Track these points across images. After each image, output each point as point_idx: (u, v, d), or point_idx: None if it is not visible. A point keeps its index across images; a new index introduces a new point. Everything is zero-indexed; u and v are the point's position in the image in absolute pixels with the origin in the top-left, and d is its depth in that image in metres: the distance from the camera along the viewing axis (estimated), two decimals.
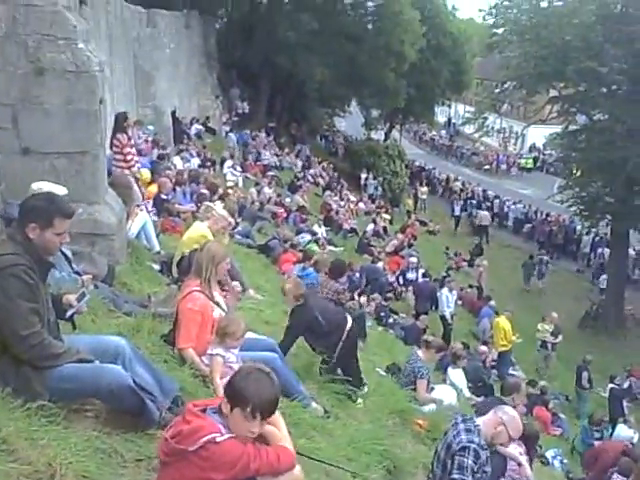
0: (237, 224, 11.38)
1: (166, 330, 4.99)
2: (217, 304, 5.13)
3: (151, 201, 9.58)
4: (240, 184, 17.98)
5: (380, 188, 31.14)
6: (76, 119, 6.03)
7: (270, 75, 29.94)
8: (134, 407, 3.44)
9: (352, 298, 10.93)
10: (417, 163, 41.48)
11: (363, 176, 31.07)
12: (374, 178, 31.08)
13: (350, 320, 6.04)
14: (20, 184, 5.55)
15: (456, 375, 8.95)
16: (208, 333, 4.77)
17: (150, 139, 14.51)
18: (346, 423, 5.11)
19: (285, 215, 17.32)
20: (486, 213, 30.30)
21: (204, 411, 2.90)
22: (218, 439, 2.74)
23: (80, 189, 6.12)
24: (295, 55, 27.85)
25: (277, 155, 26.33)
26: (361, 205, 26.52)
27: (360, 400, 5.87)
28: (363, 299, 11.66)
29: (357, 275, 13.69)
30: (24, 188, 5.17)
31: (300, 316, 5.78)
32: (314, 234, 16.04)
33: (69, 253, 5.38)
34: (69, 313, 3.84)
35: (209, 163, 17.17)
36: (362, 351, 8.48)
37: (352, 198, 26.38)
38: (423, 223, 28.83)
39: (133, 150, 9.57)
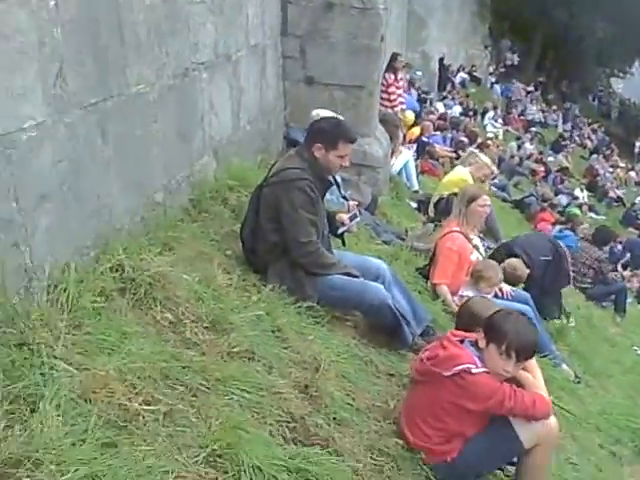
0: (495, 176, 11.04)
1: (421, 264, 5.06)
2: (475, 247, 5.06)
3: (415, 145, 9.66)
4: (500, 137, 17.37)
5: None
6: (358, 54, 6.15)
7: (544, 28, 27.92)
8: (390, 326, 3.57)
9: (615, 269, 9.99)
10: None
11: (638, 144, 27.77)
12: None
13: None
14: (302, 110, 5.90)
15: None
16: (463, 274, 4.75)
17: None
18: (597, 392, 4.74)
19: (544, 174, 16.35)
20: None
21: (462, 342, 2.91)
22: (473, 370, 2.73)
23: (354, 121, 6.31)
24: (574, 8, 25.58)
25: (543, 111, 24.79)
26: (632, 174, 23.84)
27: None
28: (627, 272, 10.58)
29: (619, 247, 12.41)
30: (306, 114, 5.52)
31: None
32: (575, 198, 14.91)
33: (339, 179, 5.67)
34: (340, 230, 4.10)
35: (471, 112, 16.79)
36: (619, 327, 7.83)
37: (622, 165, 23.84)
38: None
39: (399, 91, 9.63)
